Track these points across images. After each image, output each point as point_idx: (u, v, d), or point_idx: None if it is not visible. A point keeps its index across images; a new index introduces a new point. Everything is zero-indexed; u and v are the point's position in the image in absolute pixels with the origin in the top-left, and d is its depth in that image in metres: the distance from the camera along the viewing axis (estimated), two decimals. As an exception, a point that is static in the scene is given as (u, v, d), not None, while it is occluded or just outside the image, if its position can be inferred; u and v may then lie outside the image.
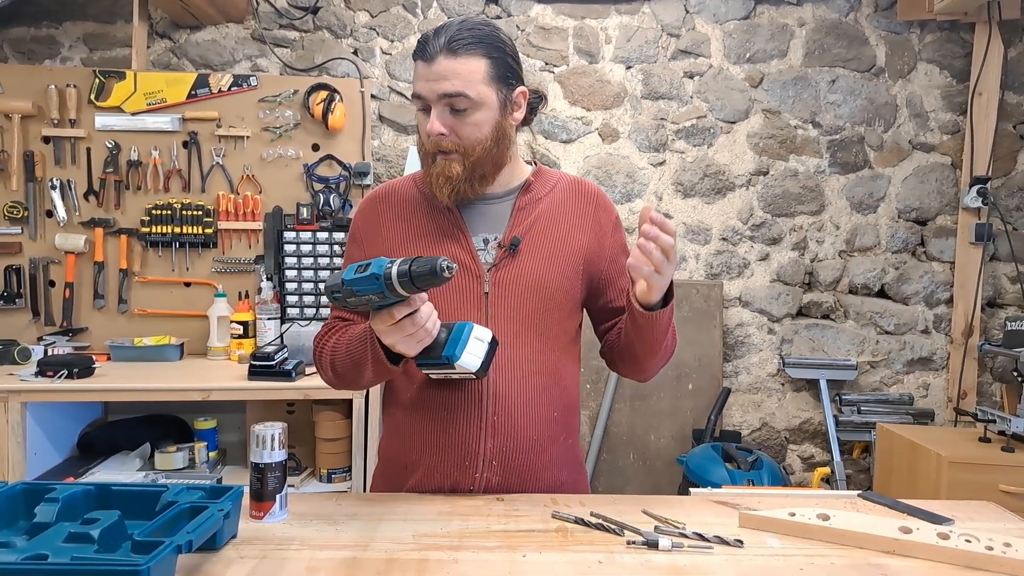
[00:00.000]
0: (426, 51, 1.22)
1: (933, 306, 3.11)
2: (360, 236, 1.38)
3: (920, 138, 3.07)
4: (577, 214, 1.36)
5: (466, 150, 1.24)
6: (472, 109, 1.23)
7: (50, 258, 2.76)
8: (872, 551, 1.06)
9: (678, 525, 1.13)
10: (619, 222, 1.42)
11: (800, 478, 3.14)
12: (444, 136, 1.23)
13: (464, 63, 1.21)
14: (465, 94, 1.21)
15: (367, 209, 1.39)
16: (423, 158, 1.30)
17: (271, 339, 2.64)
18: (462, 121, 1.23)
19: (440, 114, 1.23)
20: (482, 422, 1.27)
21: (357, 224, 1.40)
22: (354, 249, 1.38)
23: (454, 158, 1.25)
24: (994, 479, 2.30)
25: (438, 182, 1.26)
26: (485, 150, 1.26)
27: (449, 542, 1.07)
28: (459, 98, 1.21)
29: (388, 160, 3.03)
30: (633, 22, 3.04)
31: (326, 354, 1.31)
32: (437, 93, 1.22)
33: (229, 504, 1.04)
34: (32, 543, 0.93)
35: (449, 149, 1.24)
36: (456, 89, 1.21)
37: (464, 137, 1.24)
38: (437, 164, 1.26)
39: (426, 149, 1.28)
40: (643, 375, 1.37)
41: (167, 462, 2.46)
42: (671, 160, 3.09)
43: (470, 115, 1.23)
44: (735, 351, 3.12)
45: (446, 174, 1.25)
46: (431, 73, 1.22)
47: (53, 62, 2.96)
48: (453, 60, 1.21)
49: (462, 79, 1.21)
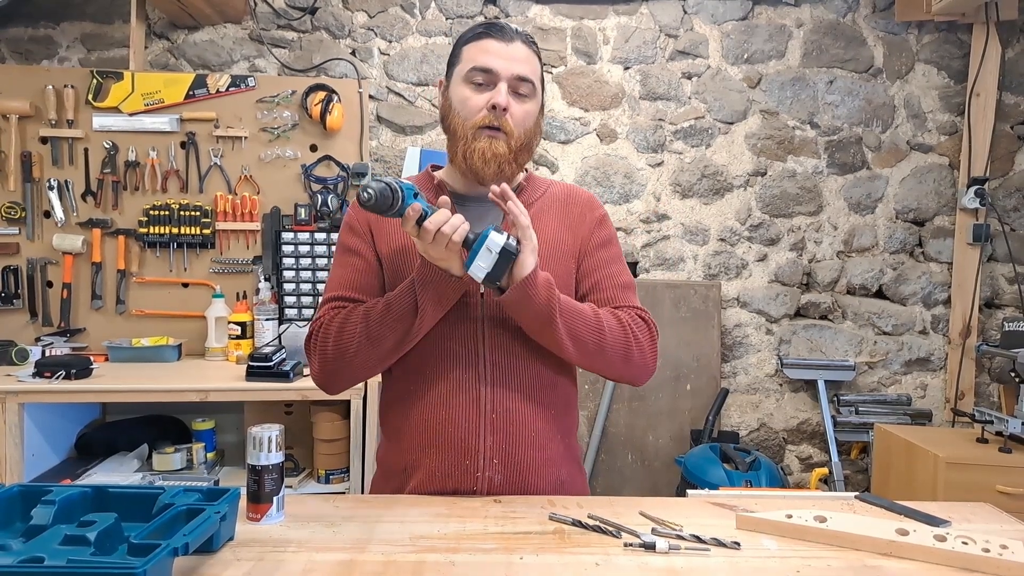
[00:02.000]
0: (504, 32, 1.29)
1: (931, 307, 3.11)
2: (357, 226, 1.35)
3: (918, 139, 3.08)
4: (567, 217, 1.38)
5: (515, 133, 1.28)
6: (529, 98, 1.30)
7: (48, 259, 2.76)
8: (869, 553, 1.06)
9: (675, 527, 1.13)
10: (605, 220, 1.41)
11: (798, 479, 3.15)
12: (507, 111, 1.26)
13: (533, 57, 1.31)
14: (533, 81, 1.30)
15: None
16: (462, 134, 1.28)
17: (269, 340, 2.64)
18: (520, 105, 1.28)
19: (506, 91, 1.27)
20: (481, 419, 1.27)
21: (353, 218, 1.37)
22: (357, 241, 1.35)
23: (501, 138, 1.27)
24: (991, 480, 2.31)
25: (484, 157, 1.27)
26: (529, 139, 1.31)
27: (446, 544, 1.07)
28: (527, 83, 1.29)
29: (386, 160, 3.03)
30: (631, 23, 3.04)
31: (332, 333, 1.26)
32: (513, 73, 1.27)
33: (226, 506, 1.04)
34: (28, 545, 0.92)
35: (502, 127, 1.27)
36: (528, 74, 1.28)
37: (518, 120, 1.28)
38: (481, 140, 1.27)
39: (472, 123, 1.27)
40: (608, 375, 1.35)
41: (165, 463, 2.46)
42: (669, 161, 3.09)
43: (527, 102, 1.30)
44: (733, 352, 3.13)
45: (493, 150, 1.27)
46: (510, 53, 1.27)
47: (51, 62, 2.96)
48: (527, 49, 1.30)
49: (532, 67, 1.30)
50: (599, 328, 1.26)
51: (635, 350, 1.30)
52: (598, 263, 1.37)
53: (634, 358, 1.31)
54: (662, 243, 3.11)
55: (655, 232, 3.10)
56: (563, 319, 1.23)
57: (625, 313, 1.32)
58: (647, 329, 1.33)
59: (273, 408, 2.56)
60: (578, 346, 1.26)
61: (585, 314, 1.26)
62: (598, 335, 1.26)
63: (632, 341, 1.30)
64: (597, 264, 1.37)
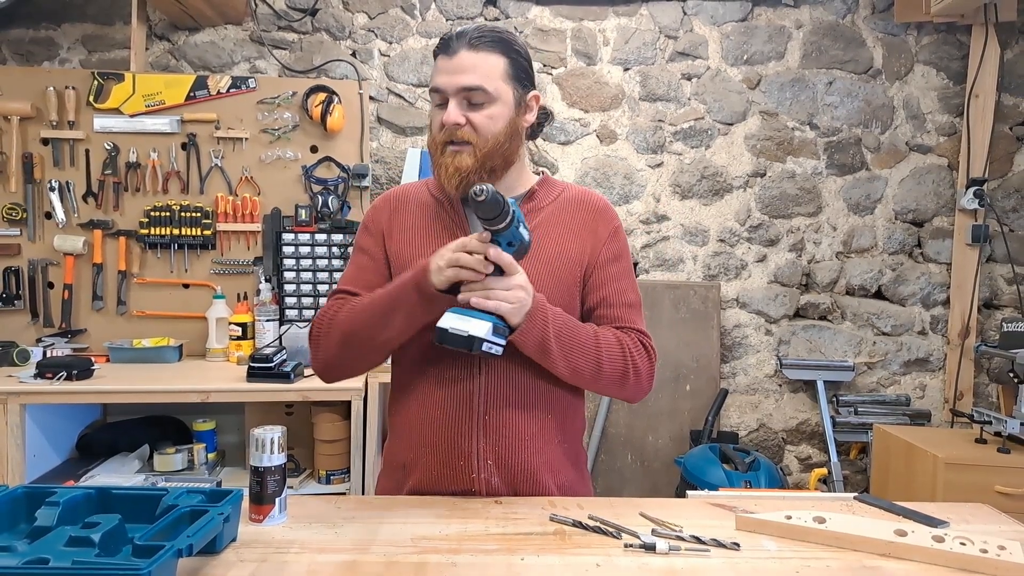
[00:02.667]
0: (448, 46, 1.26)
1: (930, 307, 3.12)
2: (372, 228, 1.40)
3: (917, 140, 3.09)
4: (578, 224, 1.36)
5: (479, 142, 1.26)
6: (488, 103, 1.26)
7: (49, 260, 2.77)
8: (868, 554, 1.07)
9: (675, 528, 1.14)
10: (619, 232, 1.39)
11: (797, 479, 3.15)
12: (459, 126, 1.25)
13: (484, 58, 1.25)
14: (483, 88, 1.25)
15: (381, 206, 1.42)
16: (433, 152, 1.30)
17: (270, 341, 2.65)
18: (478, 113, 1.26)
19: (458, 105, 1.25)
20: (473, 421, 1.28)
21: (371, 217, 1.41)
22: (369, 241, 1.39)
23: (466, 150, 1.26)
24: (990, 480, 2.31)
25: (447, 173, 1.27)
26: (498, 144, 1.27)
27: (448, 545, 1.08)
28: (477, 91, 1.25)
29: (387, 162, 3.04)
30: (631, 24, 3.05)
31: (338, 321, 1.29)
32: (456, 85, 1.25)
33: (229, 508, 1.05)
34: (33, 547, 0.93)
35: (462, 140, 1.26)
36: (475, 82, 1.24)
37: (479, 129, 1.26)
38: (447, 155, 1.27)
39: (437, 141, 1.28)
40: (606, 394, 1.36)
41: (166, 464, 2.47)
42: (669, 162, 3.09)
43: (486, 108, 1.26)
44: (733, 352, 3.13)
45: (456, 165, 1.26)
46: (451, 66, 1.25)
47: (52, 64, 2.96)
48: (473, 54, 1.25)
49: (481, 73, 1.25)
50: (597, 358, 1.27)
51: (631, 377, 1.30)
52: (607, 277, 1.35)
53: (629, 384, 1.31)
54: (662, 244, 3.11)
55: (655, 233, 3.11)
56: (560, 352, 1.23)
57: (629, 338, 1.31)
58: (647, 357, 1.33)
59: (274, 409, 2.57)
60: (575, 375, 1.28)
61: (584, 344, 1.26)
62: (596, 364, 1.27)
63: (630, 369, 1.30)
64: (606, 279, 1.35)
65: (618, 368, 1.28)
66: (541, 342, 1.21)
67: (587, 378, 1.28)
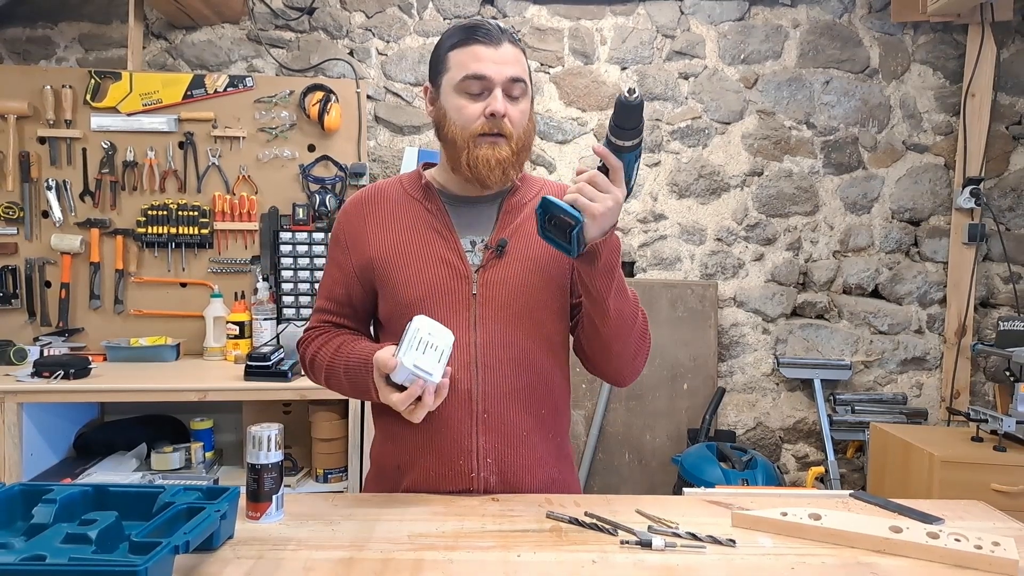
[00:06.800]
0: (490, 35, 1.25)
1: (927, 306, 3.13)
2: (344, 240, 1.36)
3: (913, 139, 3.09)
4: None
5: (516, 135, 1.27)
6: (523, 97, 1.28)
7: (46, 259, 2.76)
8: (863, 550, 1.07)
9: (671, 525, 1.14)
10: None
11: (794, 477, 3.16)
12: (504, 117, 1.25)
13: (520, 54, 1.29)
14: (525, 81, 1.28)
15: (352, 211, 1.38)
16: (460, 143, 1.27)
17: (267, 339, 2.65)
18: (515, 107, 1.27)
19: (502, 97, 1.25)
20: (473, 419, 1.28)
21: (341, 227, 1.38)
22: (337, 252, 1.37)
23: (503, 142, 1.26)
24: (986, 478, 2.32)
25: (488, 165, 1.25)
26: (529, 138, 1.30)
27: (444, 542, 1.08)
28: (520, 83, 1.26)
29: (384, 161, 3.04)
30: (628, 23, 3.05)
31: (318, 362, 1.34)
32: (506, 76, 1.25)
33: (226, 505, 1.05)
34: (30, 544, 0.93)
35: (499, 132, 1.25)
36: (519, 74, 1.26)
37: (515, 122, 1.27)
38: (482, 148, 1.25)
39: (470, 132, 1.26)
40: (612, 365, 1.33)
41: (163, 462, 2.47)
42: (666, 161, 3.10)
43: (521, 102, 1.28)
44: (730, 351, 3.14)
45: (497, 157, 1.25)
46: (499, 56, 1.25)
47: (48, 62, 2.96)
48: (515, 48, 1.28)
49: (522, 67, 1.28)
50: (634, 309, 1.27)
51: (646, 344, 1.33)
52: None
53: (641, 353, 1.32)
54: (659, 243, 3.12)
55: (652, 232, 3.11)
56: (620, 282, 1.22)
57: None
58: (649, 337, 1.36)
59: (271, 407, 2.57)
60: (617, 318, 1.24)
61: (627, 291, 1.26)
62: (632, 313, 1.27)
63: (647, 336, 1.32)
64: None
65: (640, 328, 1.30)
66: (611, 263, 1.19)
67: (624, 325, 1.25)
